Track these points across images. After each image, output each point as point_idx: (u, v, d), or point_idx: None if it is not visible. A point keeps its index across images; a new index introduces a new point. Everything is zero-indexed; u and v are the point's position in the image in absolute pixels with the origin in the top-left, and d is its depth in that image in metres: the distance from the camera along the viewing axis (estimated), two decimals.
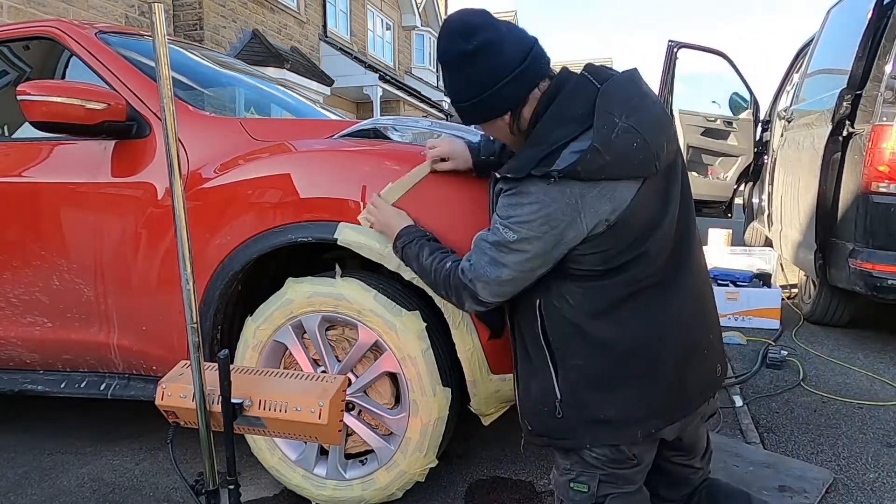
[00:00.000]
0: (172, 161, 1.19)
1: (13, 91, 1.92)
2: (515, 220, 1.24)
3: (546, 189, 1.20)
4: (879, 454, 2.14)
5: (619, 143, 1.19)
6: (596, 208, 1.21)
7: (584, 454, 1.35)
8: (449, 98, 1.37)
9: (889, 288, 2.92)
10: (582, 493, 1.35)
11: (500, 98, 1.28)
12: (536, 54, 1.28)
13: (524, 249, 1.24)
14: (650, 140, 1.22)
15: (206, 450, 1.32)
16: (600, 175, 1.19)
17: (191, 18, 9.85)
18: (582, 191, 1.20)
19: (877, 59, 3.11)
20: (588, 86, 1.26)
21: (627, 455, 1.33)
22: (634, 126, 1.21)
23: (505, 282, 1.29)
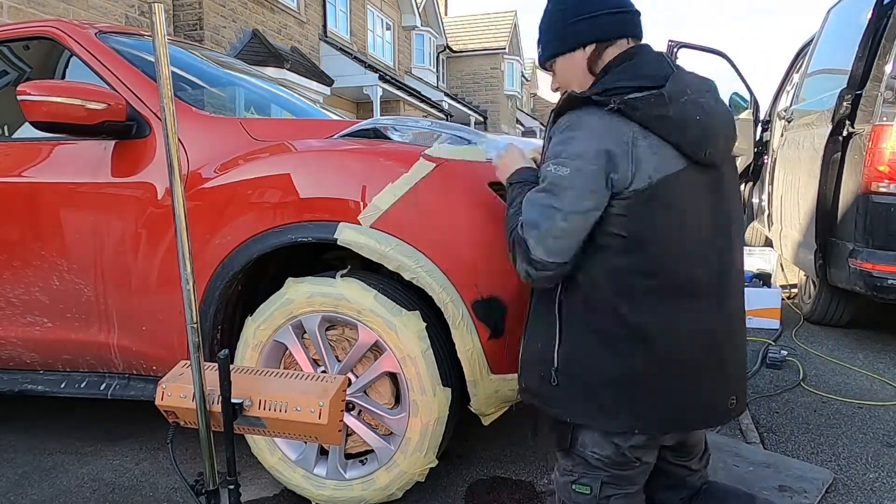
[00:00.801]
0: (172, 161, 1.19)
1: (13, 91, 1.92)
2: (569, 152, 1.23)
3: (602, 119, 1.21)
4: (879, 454, 2.14)
5: (685, 107, 1.22)
6: (643, 158, 1.20)
7: (586, 455, 1.34)
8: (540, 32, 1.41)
9: (889, 288, 2.92)
10: (584, 495, 1.34)
11: (591, 25, 1.32)
12: (637, 15, 1.36)
13: (578, 190, 1.21)
14: (710, 125, 1.25)
15: (206, 450, 1.32)
16: (656, 125, 1.21)
17: (191, 18, 9.84)
18: (635, 134, 1.21)
19: (877, 59, 3.11)
20: (665, 62, 1.31)
21: (630, 457, 1.32)
22: (702, 105, 1.25)
23: (559, 231, 1.23)
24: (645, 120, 1.21)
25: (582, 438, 1.34)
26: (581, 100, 1.26)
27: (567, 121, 1.26)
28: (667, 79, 1.25)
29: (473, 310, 1.62)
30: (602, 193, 1.22)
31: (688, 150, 1.24)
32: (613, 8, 1.32)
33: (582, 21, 1.33)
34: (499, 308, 1.62)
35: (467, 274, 1.62)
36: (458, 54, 23.31)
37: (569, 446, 1.36)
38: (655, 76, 1.26)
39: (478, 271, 1.62)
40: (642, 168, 1.21)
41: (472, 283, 1.61)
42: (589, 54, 1.34)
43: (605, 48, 1.33)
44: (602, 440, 1.32)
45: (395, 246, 1.62)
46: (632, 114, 1.20)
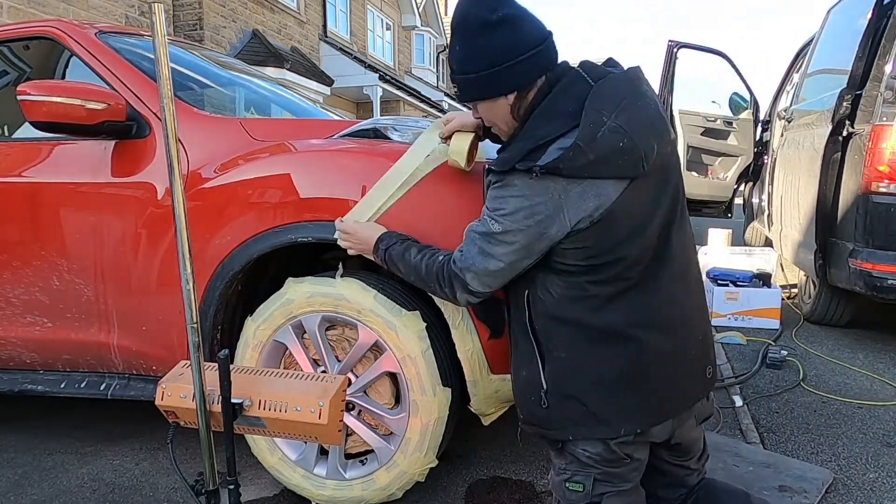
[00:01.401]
0: (172, 161, 1.19)
1: (13, 91, 1.92)
2: (501, 212, 1.26)
3: (529, 183, 1.22)
4: (879, 454, 2.14)
5: (604, 141, 1.20)
6: (579, 205, 1.22)
7: (577, 454, 1.35)
8: (453, 66, 1.34)
9: (889, 288, 2.92)
10: (577, 493, 1.36)
11: (512, 74, 1.27)
12: (551, 43, 1.31)
13: (509, 241, 1.27)
14: (638, 140, 1.22)
15: (206, 450, 1.32)
16: (583, 173, 1.20)
17: (191, 18, 9.85)
18: (565, 187, 1.21)
19: (877, 59, 3.11)
20: (581, 82, 1.27)
21: (620, 455, 1.34)
22: (622, 126, 1.21)
23: (493, 272, 1.31)
24: (571, 173, 1.20)
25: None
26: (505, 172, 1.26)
27: (498, 184, 1.28)
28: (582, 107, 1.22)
29: (473, 310, 1.62)
30: (532, 249, 1.27)
31: (624, 173, 1.23)
32: (530, 49, 1.26)
33: (502, 71, 1.27)
34: (499, 308, 1.62)
35: None
36: None
37: (560, 446, 1.38)
38: (572, 111, 1.23)
39: None
40: (581, 211, 1.22)
41: None
42: (511, 101, 1.31)
43: (525, 93, 1.31)
44: (592, 440, 1.34)
45: None
46: (557, 173, 1.20)
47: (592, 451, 1.34)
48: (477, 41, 1.27)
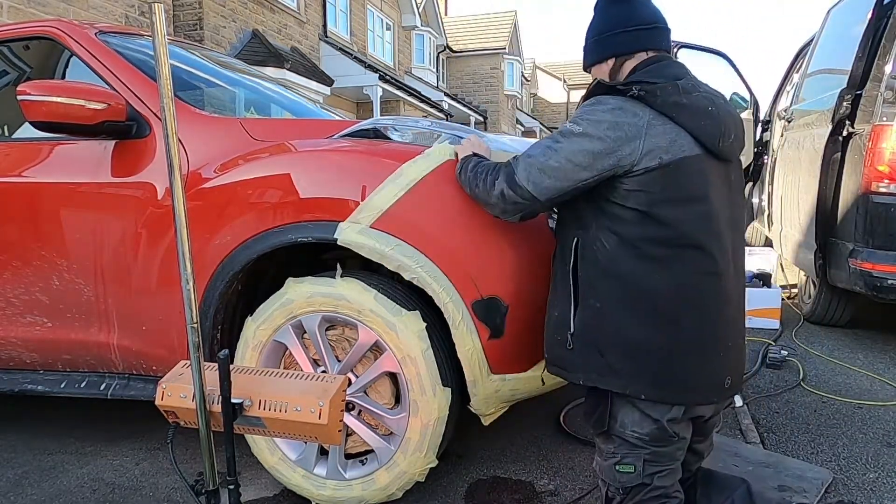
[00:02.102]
0: (172, 161, 1.19)
1: (13, 91, 1.92)
2: (586, 117, 1.36)
3: (623, 102, 1.35)
4: (879, 454, 2.14)
5: (697, 98, 1.37)
6: (656, 140, 1.32)
7: (626, 436, 1.40)
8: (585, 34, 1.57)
9: (889, 288, 2.92)
10: (629, 474, 1.40)
11: (614, 42, 1.48)
12: (661, 30, 1.49)
13: (581, 144, 1.33)
14: (721, 119, 1.38)
15: (206, 450, 1.32)
16: (672, 112, 1.34)
17: (191, 18, 9.84)
18: (651, 119, 1.33)
19: (877, 59, 3.11)
20: (684, 70, 1.46)
21: (669, 432, 1.38)
22: (713, 101, 1.39)
23: (547, 169, 1.36)
24: (662, 106, 1.34)
25: (621, 419, 1.40)
26: (605, 87, 1.41)
27: (593, 100, 1.40)
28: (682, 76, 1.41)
29: (473, 310, 1.62)
30: (597, 162, 1.33)
31: (703, 137, 1.35)
32: (635, 25, 1.47)
33: (606, 37, 1.50)
34: (499, 308, 1.62)
35: (467, 274, 1.62)
36: (458, 54, 23.30)
37: (606, 429, 1.41)
38: (673, 76, 1.40)
39: (478, 271, 1.62)
40: (654, 149, 1.32)
41: (472, 283, 1.61)
42: (611, 66, 1.50)
43: (623, 61, 1.48)
44: (641, 419, 1.38)
45: (395, 246, 1.62)
46: (651, 100, 1.34)
47: (641, 431, 1.39)
48: (600, 15, 1.52)
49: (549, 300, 1.52)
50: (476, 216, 1.64)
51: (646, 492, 1.40)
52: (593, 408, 1.45)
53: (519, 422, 2.37)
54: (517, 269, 1.65)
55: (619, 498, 1.43)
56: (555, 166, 1.35)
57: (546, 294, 1.67)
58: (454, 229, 1.64)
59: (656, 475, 1.40)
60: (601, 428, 1.43)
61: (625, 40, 1.47)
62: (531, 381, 1.72)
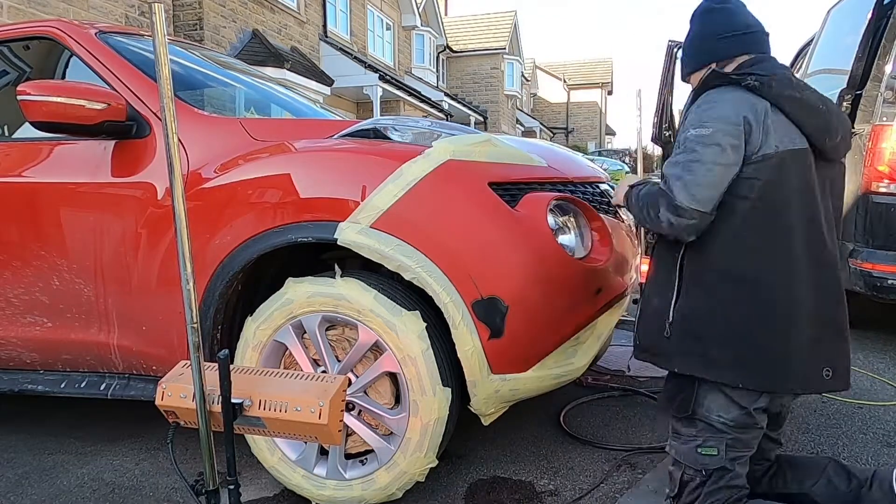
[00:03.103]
0: (172, 161, 1.19)
1: (13, 91, 1.92)
2: (709, 117, 1.39)
3: (740, 93, 1.39)
4: (879, 454, 2.14)
5: (809, 94, 1.42)
6: (772, 129, 1.36)
7: (711, 420, 1.44)
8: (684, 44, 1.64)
9: (889, 288, 2.92)
10: (712, 457, 1.44)
11: (714, 47, 1.53)
12: (759, 34, 1.53)
13: (718, 142, 1.36)
14: (830, 118, 1.42)
15: (206, 450, 1.32)
16: (785, 105, 1.38)
17: (191, 18, 9.84)
18: (767, 110, 1.37)
19: (877, 59, 3.11)
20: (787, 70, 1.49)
21: (754, 419, 1.43)
22: (824, 101, 1.44)
23: (702, 182, 1.36)
24: (777, 98, 1.37)
25: (707, 404, 1.45)
26: (720, 76, 1.44)
27: (707, 96, 1.44)
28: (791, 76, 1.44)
29: (473, 310, 1.62)
30: (739, 151, 1.37)
31: (812, 133, 1.39)
32: (732, 31, 1.52)
33: (715, 41, 1.53)
34: (499, 308, 1.62)
35: (467, 274, 1.62)
36: (458, 54, 23.31)
37: (691, 413, 1.46)
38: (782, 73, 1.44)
39: (478, 271, 1.62)
40: (770, 138, 1.36)
41: (472, 283, 1.61)
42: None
43: (724, 66, 1.52)
44: (728, 404, 1.42)
45: (395, 246, 1.62)
46: (766, 91, 1.38)
47: (727, 416, 1.43)
48: (700, 20, 1.58)
49: (645, 290, 1.58)
50: (476, 216, 1.64)
51: (728, 477, 1.44)
52: (676, 392, 1.49)
53: (519, 422, 2.37)
54: (517, 269, 1.65)
55: (698, 479, 1.46)
56: (707, 178, 1.37)
57: (546, 294, 1.67)
58: (454, 229, 1.64)
59: (737, 461, 1.44)
60: (685, 412, 1.47)
61: (724, 46, 1.52)
62: (531, 381, 1.72)
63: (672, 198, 1.39)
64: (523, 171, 1.82)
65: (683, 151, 1.41)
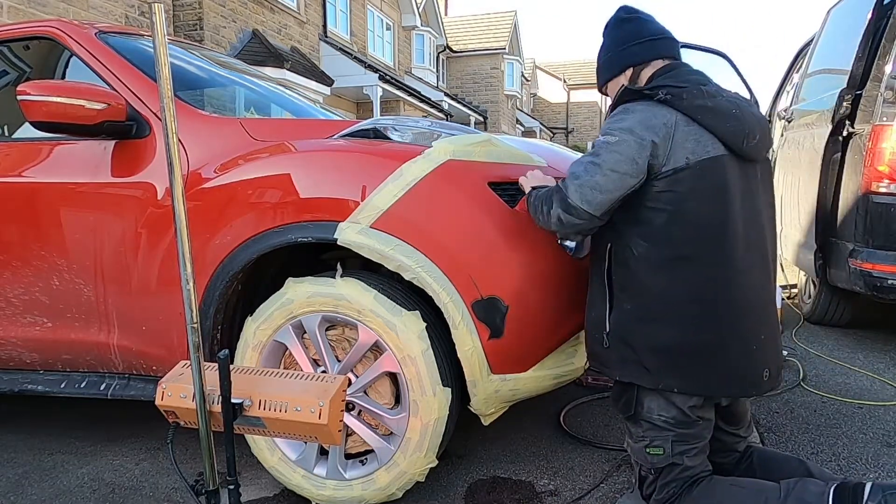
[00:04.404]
0: (172, 161, 1.19)
1: (13, 91, 1.92)
2: (618, 126, 1.44)
3: (651, 105, 1.44)
4: (879, 454, 2.14)
5: (721, 101, 1.45)
6: (682, 141, 1.41)
7: (653, 419, 1.51)
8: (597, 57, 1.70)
9: (889, 288, 2.92)
10: (659, 456, 1.51)
11: (630, 53, 1.59)
12: (671, 40, 1.61)
13: (619, 152, 1.41)
14: (745, 120, 1.46)
15: (206, 450, 1.32)
16: (697, 114, 1.42)
17: (191, 18, 9.84)
18: (678, 121, 1.42)
19: (877, 59, 3.11)
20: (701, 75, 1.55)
21: (693, 417, 1.49)
22: (738, 104, 1.48)
23: (596, 185, 1.42)
24: (689, 109, 1.42)
25: (647, 404, 1.51)
26: (633, 92, 1.49)
27: (620, 109, 1.48)
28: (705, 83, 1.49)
29: (473, 310, 1.62)
30: (639, 165, 1.41)
31: (727, 138, 1.43)
32: (645, 37, 1.59)
33: (623, 50, 1.61)
34: (499, 308, 1.62)
35: (467, 274, 1.62)
36: (458, 54, 23.31)
37: (633, 413, 1.53)
38: (695, 81, 1.50)
39: (478, 271, 1.62)
40: (680, 150, 1.40)
41: (472, 283, 1.61)
42: (629, 76, 1.60)
43: (640, 70, 1.59)
44: (667, 404, 1.49)
45: (395, 246, 1.62)
46: (678, 103, 1.42)
47: (667, 415, 1.49)
48: (610, 35, 1.65)
49: (587, 300, 1.62)
50: (476, 216, 1.64)
51: (677, 471, 1.51)
52: (620, 394, 1.56)
53: (519, 422, 2.37)
54: (517, 269, 1.65)
55: (651, 477, 1.54)
56: (602, 181, 1.42)
57: (546, 294, 1.67)
58: (454, 229, 1.64)
59: (685, 454, 1.50)
60: (628, 412, 1.53)
61: (639, 51, 1.58)
62: (531, 382, 1.72)
63: (566, 195, 1.46)
64: (523, 170, 1.82)
65: (589, 154, 1.48)
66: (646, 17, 1.63)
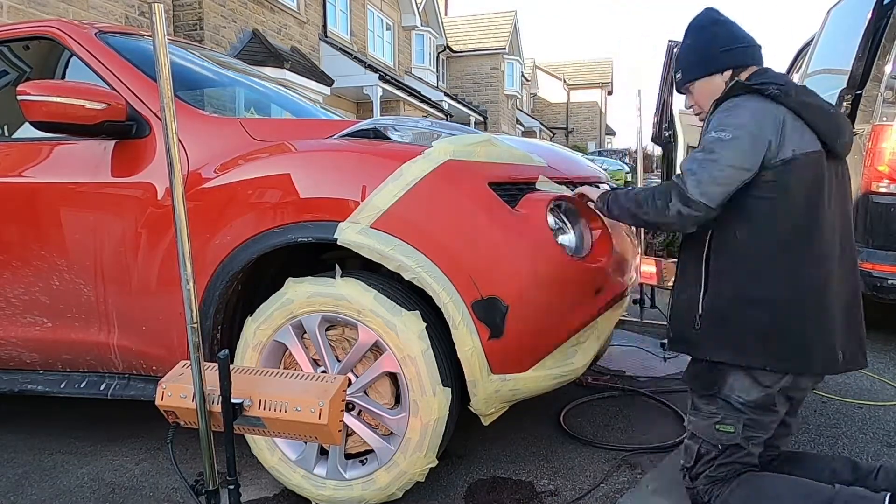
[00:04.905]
0: (173, 161, 1.19)
1: (13, 91, 1.92)
2: (731, 122, 1.49)
3: (761, 101, 1.50)
4: (879, 454, 2.14)
5: (819, 100, 1.54)
6: (789, 135, 1.48)
7: (732, 399, 1.54)
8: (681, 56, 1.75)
9: (889, 288, 2.92)
10: (729, 433, 1.55)
11: (731, 55, 1.65)
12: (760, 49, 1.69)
13: (736, 148, 1.47)
14: (840, 121, 1.55)
15: (206, 450, 1.32)
16: (801, 111, 1.49)
17: (191, 18, 9.85)
18: (786, 116, 1.48)
19: (877, 59, 3.11)
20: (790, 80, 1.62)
21: (772, 401, 1.53)
22: (831, 105, 1.58)
23: (715, 178, 1.47)
24: (795, 105, 1.49)
25: (731, 384, 1.55)
26: (743, 86, 1.53)
27: (729, 103, 1.54)
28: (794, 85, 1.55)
29: (473, 310, 1.62)
30: (753, 158, 1.47)
31: (826, 135, 1.50)
32: (744, 42, 1.66)
33: (723, 51, 1.65)
34: (499, 308, 1.62)
35: (467, 274, 1.62)
36: (458, 54, 23.32)
37: (712, 391, 1.57)
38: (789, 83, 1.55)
39: (478, 271, 1.62)
40: (787, 143, 1.47)
41: (472, 283, 1.61)
42: (727, 78, 1.65)
43: (739, 73, 1.64)
44: (751, 385, 1.53)
45: (395, 246, 1.62)
46: (785, 99, 1.48)
47: (748, 397, 1.53)
48: (709, 30, 1.69)
49: (675, 286, 1.69)
50: (476, 216, 1.64)
51: (740, 455, 1.55)
52: (701, 372, 1.60)
53: (519, 422, 2.37)
54: (517, 268, 1.65)
55: (714, 453, 1.58)
56: (719, 175, 1.47)
57: (546, 294, 1.67)
58: (454, 229, 1.64)
59: (751, 440, 1.55)
60: (708, 391, 1.57)
61: (741, 53, 1.65)
62: (531, 382, 1.72)
63: (684, 189, 1.50)
64: (523, 171, 1.82)
65: (702, 150, 1.52)
66: (732, 21, 1.70)
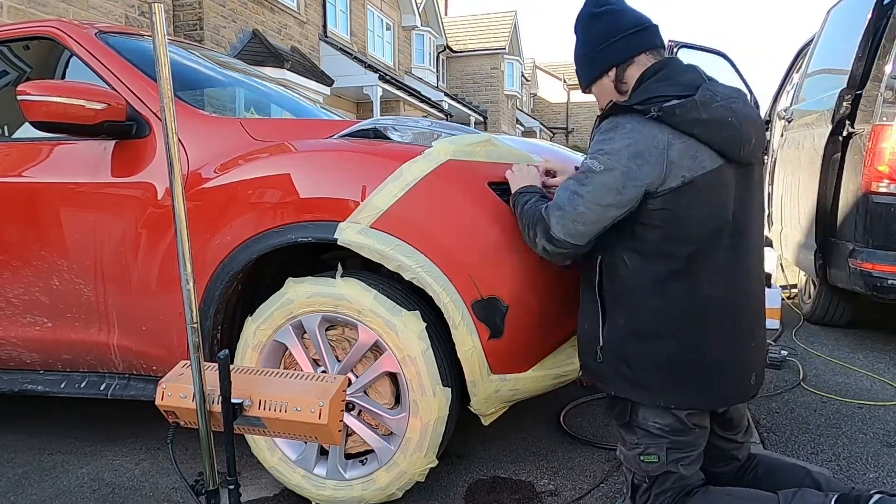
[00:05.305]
0: (173, 161, 1.19)
1: (13, 91, 1.92)
2: (603, 150, 1.36)
3: (641, 124, 1.34)
4: (879, 454, 2.14)
5: (716, 110, 1.35)
6: (678, 160, 1.33)
7: (648, 427, 1.46)
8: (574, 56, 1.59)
9: (889, 288, 2.92)
10: (653, 464, 1.47)
11: (609, 52, 1.48)
12: (652, 29, 1.50)
13: (604, 183, 1.34)
14: (742, 126, 1.37)
15: (206, 450, 1.32)
16: (692, 129, 1.33)
17: (191, 18, 9.85)
18: (671, 139, 1.33)
19: (877, 59, 3.11)
20: (697, 71, 1.46)
21: (689, 424, 1.44)
22: (732, 109, 1.37)
23: (578, 216, 1.37)
24: (682, 124, 1.33)
25: (642, 413, 1.46)
26: (623, 108, 1.38)
27: (608, 123, 1.40)
28: (698, 87, 1.38)
29: (473, 310, 1.62)
30: (623, 197, 1.34)
31: (724, 149, 1.35)
32: (624, 31, 1.47)
33: (602, 49, 1.49)
34: (499, 308, 1.62)
35: (467, 274, 1.62)
36: (458, 54, 23.31)
37: (628, 420, 1.48)
38: (688, 84, 1.40)
39: (478, 271, 1.62)
40: (675, 170, 1.33)
41: (472, 283, 1.61)
42: (613, 77, 1.50)
43: (625, 69, 1.48)
44: (662, 412, 1.44)
45: (395, 246, 1.62)
46: (669, 120, 1.32)
47: (662, 422, 1.45)
48: (586, 30, 1.53)
49: (579, 313, 1.57)
50: (476, 216, 1.64)
51: (672, 480, 1.47)
52: (614, 404, 1.51)
53: (519, 422, 2.37)
54: (517, 269, 1.65)
55: (644, 485, 1.50)
56: (585, 212, 1.37)
57: (546, 294, 1.67)
58: (454, 229, 1.64)
59: (680, 462, 1.46)
60: (623, 420, 1.49)
61: (620, 48, 1.47)
62: (531, 382, 1.72)
63: (548, 227, 1.42)
64: None
65: (574, 179, 1.41)
66: (619, 6, 1.50)
